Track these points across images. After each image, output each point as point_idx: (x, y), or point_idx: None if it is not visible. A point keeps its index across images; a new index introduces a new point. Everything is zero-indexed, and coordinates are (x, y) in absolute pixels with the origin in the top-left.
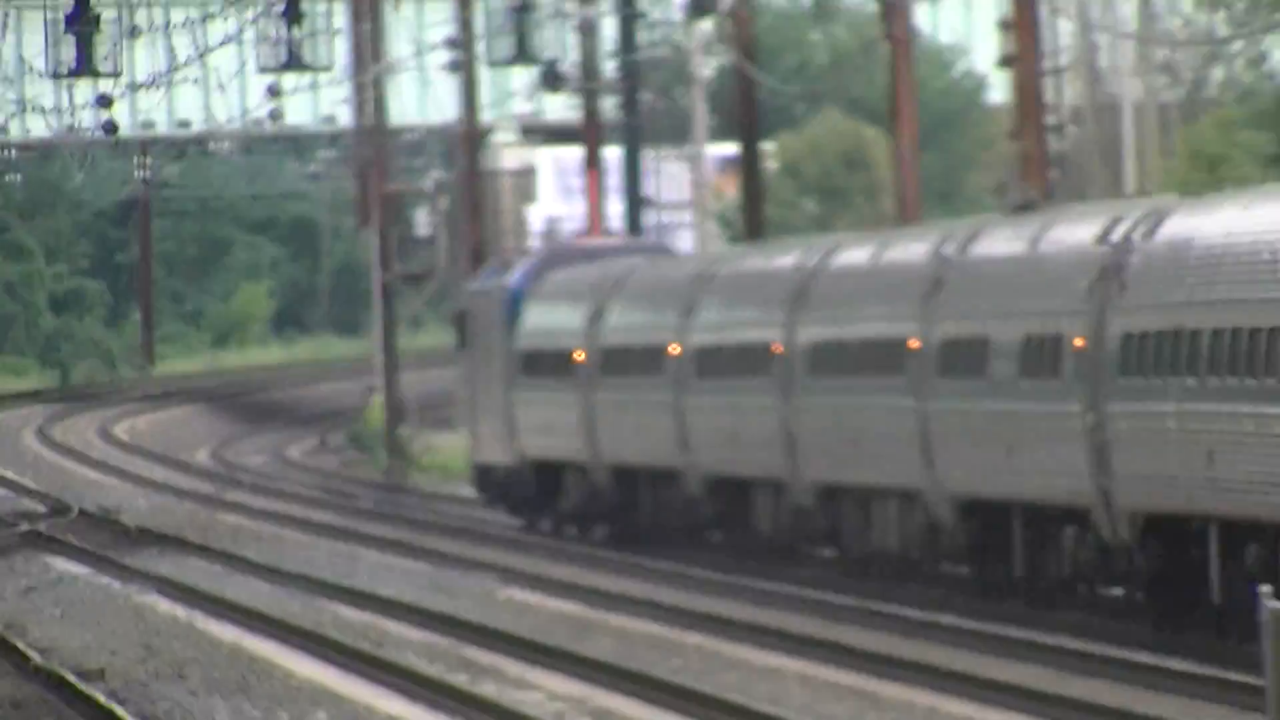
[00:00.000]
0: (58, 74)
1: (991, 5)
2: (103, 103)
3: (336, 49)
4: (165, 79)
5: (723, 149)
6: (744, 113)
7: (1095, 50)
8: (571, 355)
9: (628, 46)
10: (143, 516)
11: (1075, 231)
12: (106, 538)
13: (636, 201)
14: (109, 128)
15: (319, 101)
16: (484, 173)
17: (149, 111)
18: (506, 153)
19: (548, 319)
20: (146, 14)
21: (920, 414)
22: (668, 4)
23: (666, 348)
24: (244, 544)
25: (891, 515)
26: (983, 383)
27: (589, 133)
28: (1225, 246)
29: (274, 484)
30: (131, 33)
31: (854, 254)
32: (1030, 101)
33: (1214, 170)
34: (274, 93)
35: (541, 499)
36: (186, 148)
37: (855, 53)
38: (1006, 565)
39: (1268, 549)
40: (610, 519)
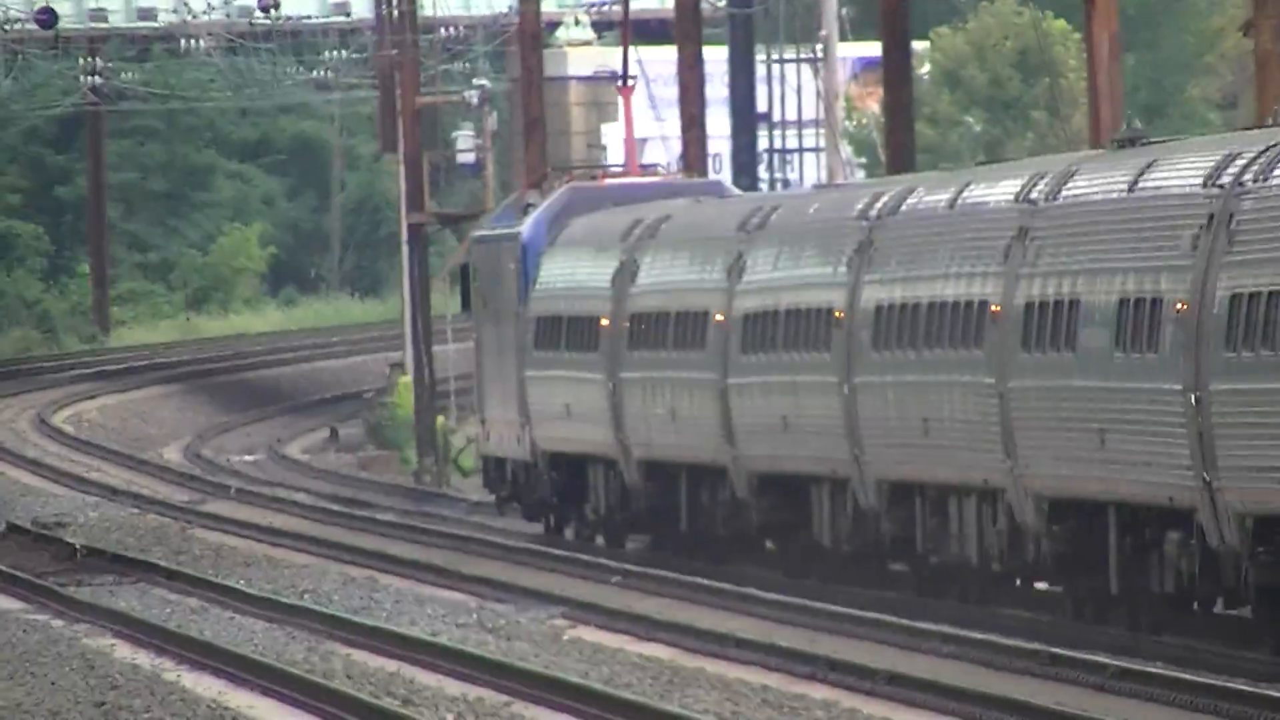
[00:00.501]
0: None
1: None
2: None
3: None
4: None
5: (861, 49)
6: (889, 1)
7: None
8: (595, 323)
9: None
10: (93, 534)
11: (1180, 172)
12: (44, 562)
13: (747, 119)
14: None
15: None
16: (547, 80)
17: None
18: (576, 54)
19: (567, 277)
20: None
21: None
22: None
23: (709, 314)
24: (229, 569)
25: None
26: (1068, 356)
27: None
28: None
29: (269, 490)
30: None
31: (930, 198)
32: None
33: None
34: None
35: (562, 501)
36: (150, 46)
37: None
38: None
39: None
40: (644, 526)
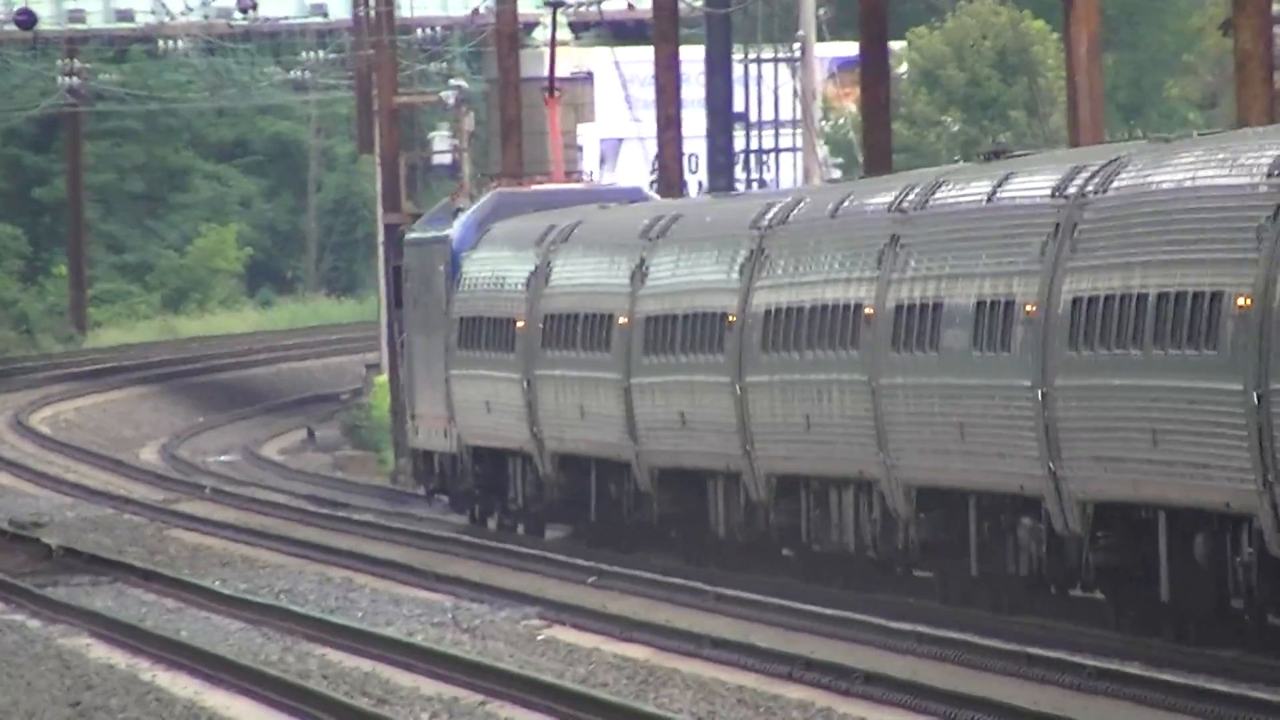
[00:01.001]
0: None
1: None
2: None
3: None
4: None
5: (839, 49)
6: (867, 1)
7: None
8: (512, 324)
9: None
10: (70, 534)
11: (1033, 184)
12: (21, 562)
13: (724, 119)
14: (24, 19)
15: None
16: (524, 81)
17: None
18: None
19: (488, 279)
20: None
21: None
22: None
23: (614, 316)
24: (205, 570)
25: None
26: (933, 355)
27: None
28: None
29: (245, 490)
30: None
31: (815, 207)
32: None
33: None
34: None
35: (484, 493)
36: (128, 47)
37: None
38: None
39: (1214, 540)
40: (559, 516)
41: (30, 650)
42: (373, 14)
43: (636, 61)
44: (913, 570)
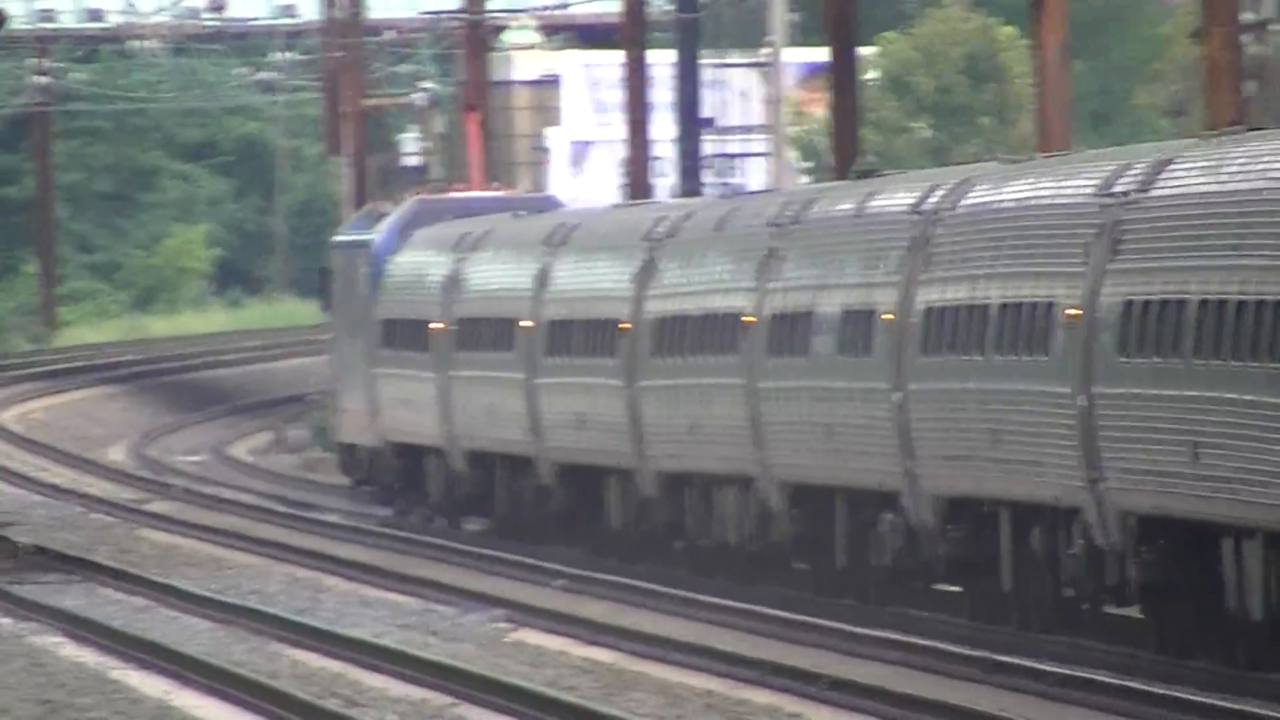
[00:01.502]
0: None
1: None
2: None
3: None
4: None
5: (808, 55)
6: (835, 7)
7: None
8: (427, 326)
9: None
10: (39, 532)
11: (895, 201)
12: None
13: (693, 124)
14: None
15: None
16: (492, 84)
17: None
18: (522, 58)
19: (407, 283)
20: None
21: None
22: None
23: (519, 320)
24: (174, 569)
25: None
26: (802, 360)
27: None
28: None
29: (214, 490)
30: None
31: (702, 221)
32: None
33: None
34: None
35: (405, 486)
36: (98, 46)
37: None
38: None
39: (1048, 532)
40: (471, 509)
41: (0, 649)
42: (341, 14)
43: (605, 65)
44: (791, 563)
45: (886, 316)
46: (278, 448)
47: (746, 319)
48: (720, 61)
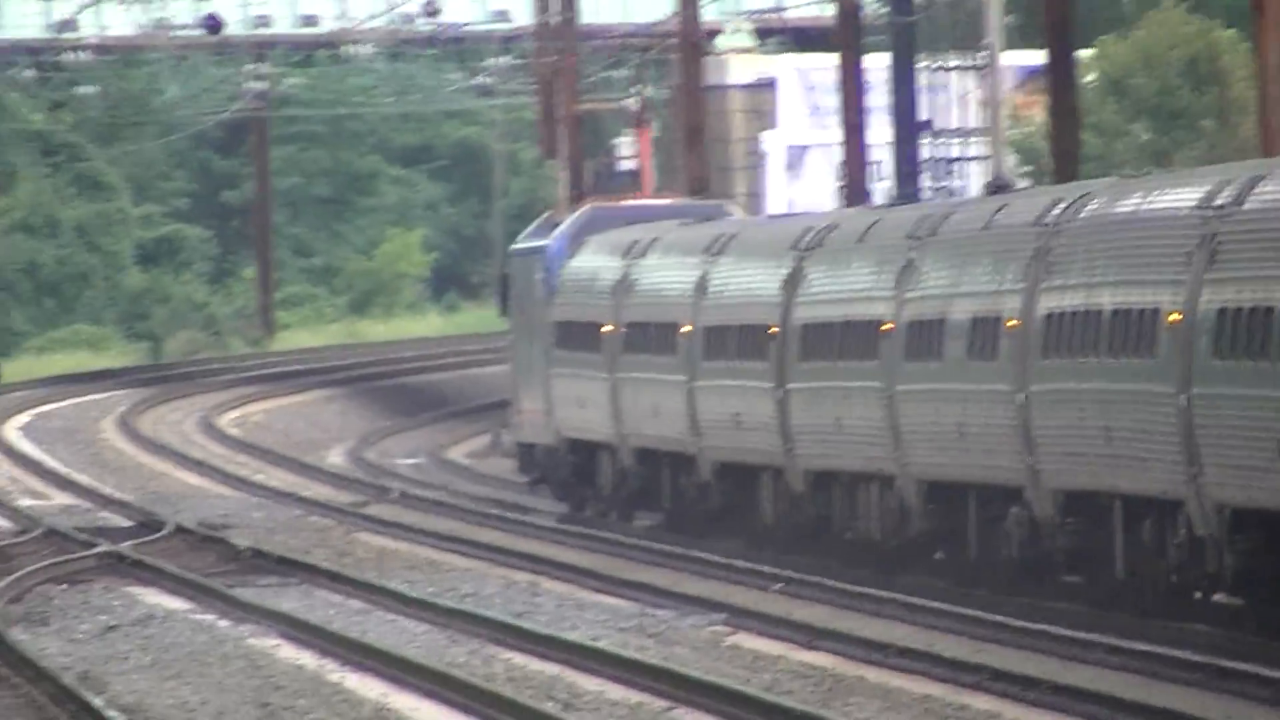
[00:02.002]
0: None
1: None
2: None
3: None
4: None
5: (1025, 58)
6: (1053, 9)
7: None
8: (599, 328)
9: None
10: (258, 535)
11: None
12: (210, 562)
13: (909, 128)
14: (212, 24)
15: None
16: (707, 89)
17: (264, 4)
18: (737, 62)
19: (580, 286)
20: None
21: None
22: None
23: (679, 325)
24: (391, 572)
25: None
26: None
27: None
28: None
29: (430, 494)
30: None
31: (849, 227)
32: None
33: None
34: None
35: (579, 481)
36: (314, 52)
37: None
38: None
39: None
40: (641, 504)
41: (219, 650)
42: (556, 19)
43: (821, 69)
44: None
45: (1011, 323)
46: (494, 451)
47: (885, 325)
48: (937, 65)
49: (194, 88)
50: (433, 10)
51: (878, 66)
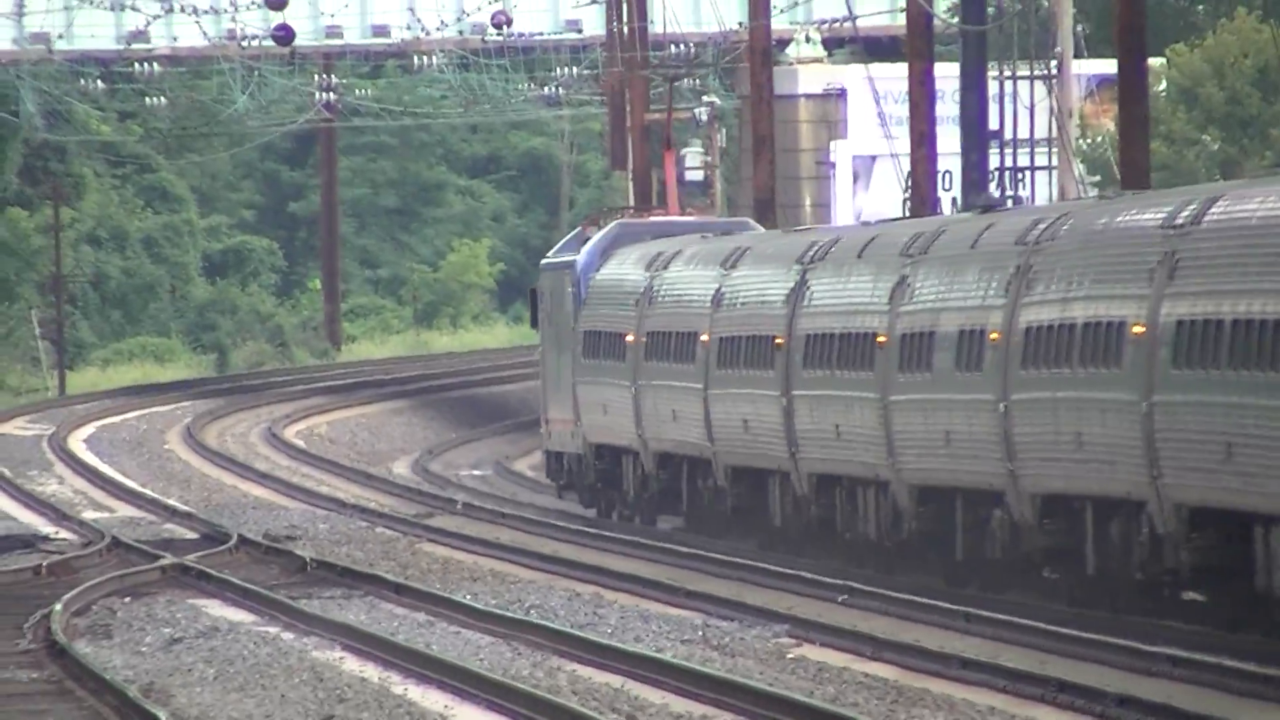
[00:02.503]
0: None
1: None
2: (273, 3)
3: None
4: None
5: (1096, 66)
6: (1125, 17)
7: None
8: (623, 338)
9: None
10: (323, 547)
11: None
12: (275, 574)
13: (978, 137)
14: (284, 35)
15: (559, 2)
16: (777, 98)
17: (334, 15)
18: (805, 71)
19: (606, 298)
20: None
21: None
22: None
23: (698, 334)
24: (456, 584)
25: None
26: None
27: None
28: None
29: (496, 505)
30: None
31: (848, 241)
32: None
33: None
34: None
35: (604, 486)
36: (383, 63)
37: None
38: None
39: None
40: (661, 507)
41: (284, 662)
42: (625, 30)
43: (890, 78)
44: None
45: (994, 335)
46: None
47: (880, 338)
48: (1007, 74)
49: (262, 99)
50: (501, 21)
51: (947, 75)
